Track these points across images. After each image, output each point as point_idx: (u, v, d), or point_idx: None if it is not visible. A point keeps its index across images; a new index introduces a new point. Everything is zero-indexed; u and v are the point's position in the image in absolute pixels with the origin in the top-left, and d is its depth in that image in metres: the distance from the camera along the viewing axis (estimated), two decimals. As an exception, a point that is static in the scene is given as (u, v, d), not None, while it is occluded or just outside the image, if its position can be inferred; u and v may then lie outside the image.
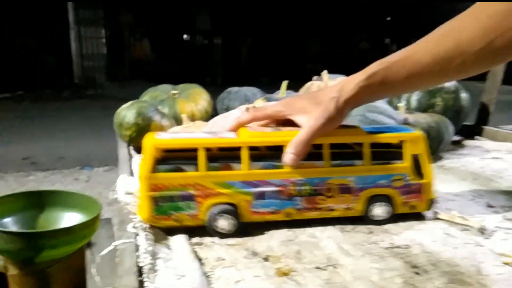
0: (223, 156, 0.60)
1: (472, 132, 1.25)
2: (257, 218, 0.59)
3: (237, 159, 0.59)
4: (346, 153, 0.63)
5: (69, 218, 0.88)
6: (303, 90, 1.23)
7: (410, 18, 10.01)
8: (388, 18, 10.50)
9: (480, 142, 1.17)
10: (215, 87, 1.40)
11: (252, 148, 0.59)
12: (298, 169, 0.59)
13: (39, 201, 0.90)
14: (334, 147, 0.62)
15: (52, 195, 0.91)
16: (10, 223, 0.85)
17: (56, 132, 4.40)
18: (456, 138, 1.20)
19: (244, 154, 0.58)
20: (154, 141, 0.57)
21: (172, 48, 9.15)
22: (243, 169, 0.58)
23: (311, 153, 0.62)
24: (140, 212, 0.57)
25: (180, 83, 1.39)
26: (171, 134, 0.61)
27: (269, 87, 1.51)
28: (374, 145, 0.62)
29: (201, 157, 0.57)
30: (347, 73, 1.35)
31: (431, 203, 0.63)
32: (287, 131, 0.61)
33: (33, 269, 0.78)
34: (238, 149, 0.59)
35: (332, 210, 0.61)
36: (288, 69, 8.96)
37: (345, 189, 0.60)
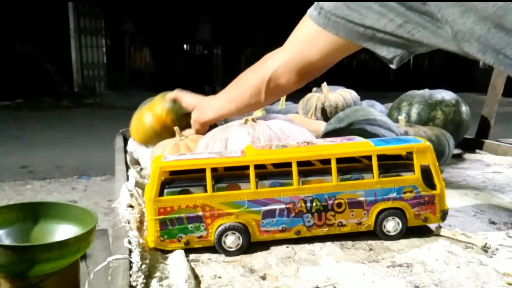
0: (230, 176, 0.59)
1: (472, 145, 1.24)
2: (266, 237, 0.58)
3: (244, 178, 0.58)
4: (354, 167, 0.62)
5: (63, 231, 0.86)
6: (302, 101, 1.23)
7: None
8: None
9: (480, 156, 1.16)
10: (214, 97, 1.38)
11: (258, 166, 0.58)
12: (307, 185, 0.58)
13: (33, 212, 0.88)
14: (342, 161, 0.61)
15: (47, 207, 0.89)
16: (3, 236, 0.83)
17: (54, 141, 4.38)
18: (457, 151, 1.19)
19: (252, 173, 0.57)
20: (160, 164, 0.56)
21: (172, 57, 9.18)
22: (251, 188, 0.57)
23: (319, 169, 0.61)
24: (148, 236, 0.56)
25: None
26: (177, 156, 0.61)
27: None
28: (382, 158, 0.61)
29: (208, 177, 0.56)
30: (346, 84, 1.35)
31: (444, 214, 0.62)
32: (292, 148, 0.60)
33: (26, 284, 0.76)
34: (244, 167, 0.58)
35: (343, 225, 0.59)
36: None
37: (355, 204, 0.59)
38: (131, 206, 0.63)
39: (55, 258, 0.76)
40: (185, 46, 9.59)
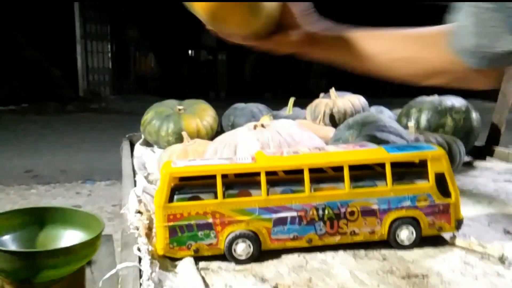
0: (241, 182, 0.58)
1: (483, 153, 1.22)
2: (277, 245, 0.57)
3: (255, 184, 0.57)
4: (367, 175, 0.61)
5: (69, 236, 0.85)
6: (310, 107, 1.22)
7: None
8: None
9: (491, 164, 1.14)
10: (218, 102, 1.39)
11: (269, 173, 0.57)
12: (319, 192, 0.57)
13: (39, 218, 0.87)
14: (355, 168, 0.59)
15: (53, 212, 0.88)
16: (9, 241, 0.82)
17: (59, 145, 4.38)
18: (467, 159, 1.17)
19: (263, 180, 0.56)
20: (170, 169, 0.55)
21: (177, 63, 9.21)
22: (262, 195, 0.56)
23: (332, 176, 0.60)
24: (157, 243, 0.55)
25: (184, 97, 1.38)
26: (187, 161, 0.60)
27: (272, 103, 1.49)
28: (396, 165, 0.60)
29: (219, 184, 0.55)
30: (351, 90, 1.34)
31: (459, 224, 0.61)
32: (304, 154, 0.59)
33: (31, 290, 0.75)
34: (255, 174, 0.57)
35: (356, 234, 0.58)
36: (292, 85, 8.98)
37: (369, 212, 0.58)
38: (139, 212, 0.61)
39: (61, 264, 0.75)
40: (190, 51, 9.62)
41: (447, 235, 0.62)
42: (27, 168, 3.56)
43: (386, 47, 0.61)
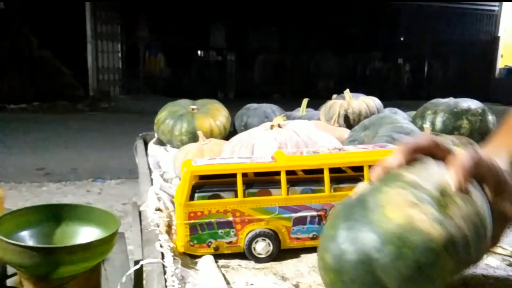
0: (260, 182, 0.58)
1: (498, 155, 1.21)
2: (296, 244, 0.57)
3: (275, 184, 0.57)
4: None
5: (86, 233, 0.86)
6: (325, 108, 1.21)
7: (423, 39, 10.00)
8: (402, 38, 10.52)
9: (507, 167, 1.13)
10: (227, 103, 1.39)
11: (289, 173, 0.57)
12: (339, 192, 0.57)
13: (55, 214, 0.88)
14: None
15: (69, 209, 0.89)
16: (26, 237, 0.83)
17: (70, 144, 4.43)
18: (482, 161, 1.16)
19: (283, 179, 0.56)
20: (191, 168, 0.56)
21: (186, 63, 9.25)
22: (282, 194, 0.56)
23: (351, 176, 0.60)
24: (177, 240, 0.55)
25: (193, 98, 1.38)
26: (208, 160, 0.60)
27: (281, 103, 1.49)
28: None
29: (239, 182, 0.55)
30: (360, 92, 1.34)
31: None
32: (324, 154, 0.59)
33: (49, 286, 0.76)
34: (275, 173, 0.57)
35: None
36: (300, 86, 8.98)
37: None
38: (159, 209, 0.62)
39: (78, 261, 0.75)
40: (199, 52, 9.66)
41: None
42: (39, 166, 3.60)
43: None
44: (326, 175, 0.57)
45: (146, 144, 1.30)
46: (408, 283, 0.36)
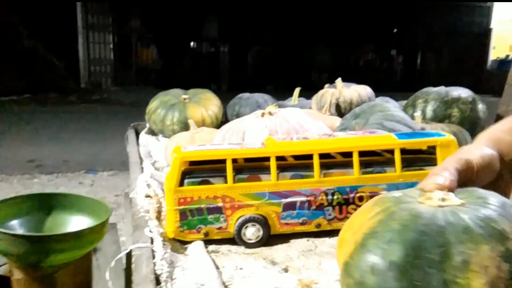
0: (250, 167, 0.58)
1: (488, 144, 1.22)
2: (286, 229, 0.57)
3: (265, 169, 0.57)
4: (376, 161, 0.61)
5: (77, 222, 0.86)
6: (316, 97, 1.21)
7: (416, 31, 10.00)
8: (395, 30, 10.51)
9: (496, 155, 1.14)
10: (220, 94, 1.38)
11: (279, 158, 0.57)
12: (328, 177, 0.57)
13: (46, 203, 0.88)
14: (364, 154, 0.60)
15: (60, 198, 0.89)
16: (17, 226, 0.83)
17: (61, 136, 4.39)
18: (472, 150, 1.17)
19: (273, 164, 0.56)
20: (181, 153, 0.56)
21: (179, 55, 9.19)
22: (272, 180, 0.56)
23: (341, 161, 0.60)
24: (167, 226, 0.55)
25: (186, 89, 1.38)
26: (197, 146, 0.60)
27: (274, 94, 1.49)
28: (404, 152, 0.60)
29: (229, 168, 0.55)
30: (353, 79, 1.33)
31: None
32: (314, 140, 0.59)
33: (39, 274, 0.75)
34: (265, 159, 0.57)
35: None
36: (294, 78, 8.96)
37: None
38: (149, 196, 0.62)
39: (69, 249, 0.75)
40: (192, 43, 9.59)
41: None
42: (30, 158, 3.57)
43: None
44: (316, 161, 0.57)
45: (138, 134, 1.30)
46: None
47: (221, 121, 1.29)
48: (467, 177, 0.39)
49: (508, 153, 0.46)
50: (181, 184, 0.55)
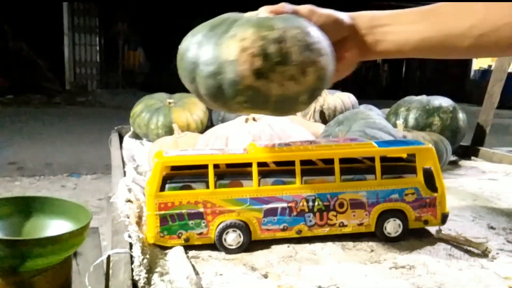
0: (232, 173, 0.58)
1: (468, 152, 1.25)
2: (267, 235, 0.57)
3: (246, 175, 0.57)
4: (357, 168, 0.62)
5: (57, 226, 0.84)
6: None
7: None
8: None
9: (476, 163, 1.17)
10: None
11: (261, 164, 0.58)
12: (309, 184, 0.58)
13: (25, 207, 0.86)
14: (345, 161, 0.60)
15: (40, 201, 0.87)
16: (-5, 229, 0.81)
17: (44, 138, 4.32)
18: (452, 158, 1.19)
19: (255, 170, 0.56)
20: (162, 158, 0.55)
21: (166, 58, 9.15)
22: (254, 186, 0.56)
23: (322, 168, 0.61)
24: (147, 231, 0.55)
25: (173, 93, 1.38)
26: (179, 151, 0.60)
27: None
28: (385, 159, 0.61)
29: (211, 173, 0.55)
30: (338, 90, 1.35)
31: (444, 217, 0.62)
32: (296, 146, 0.60)
33: (17, 279, 0.74)
34: (247, 165, 0.57)
35: (344, 226, 0.59)
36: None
37: (357, 204, 0.59)
38: (129, 201, 0.61)
39: (48, 254, 0.74)
40: (179, 47, 9.57)
41: (433, 229, 0.63)
42: (11, 160, 3.51)
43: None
44: (297, 167, 0.58)
45: (121, 138, 1.29)
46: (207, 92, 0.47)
47: (206, 126, 1.29)
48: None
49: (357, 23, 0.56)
50: (162, 189, 0.55)
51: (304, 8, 0.54)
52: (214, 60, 0.45)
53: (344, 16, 0.56)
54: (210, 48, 0.46)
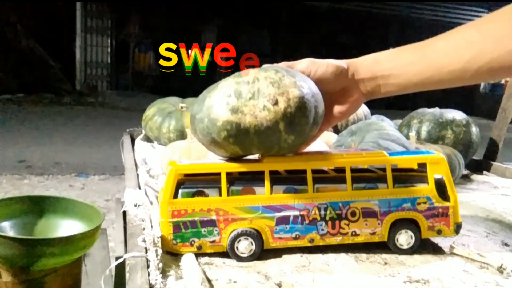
0: (244, 179, 0.59)
1: (480, 167, 1.24)
2: (279, 244, 0.57)
3: (258, 181, 0.57)
4: (369, 177, 0.62)
5: (68, 226, 0.85)
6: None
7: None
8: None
9: (488, 178, 1.16)
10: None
11: (273, 172, 0.58)
12: (321, 192, 0.58)
13: (39, 206, 0.87)
14: (357, 171, 0.60)
15: (53, 201, 0.88)
16: (8, 227, 0.82)
17: (54, 137, 4.36)
18: (464, 172, 1.18)
19: (267, 179, 0.57)
20: (176, 166, 0.56)
21: (177, 62, 9.21)
22: (266, 193, 0.56)
23: (334, 176, 0.61)
24: (161, 238, 0.55)
25: (182, 97, 1.39)
26: (193, 160, 0.61)
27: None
28: (397, 170, 0.61)
29: (223, 182, 0.55)
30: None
31: (458, 227, 0.61)
32: (308, 155, 0.60)
33: (28, 277, 0.74)
34: (259, 173, 0.57)
35: (357, 235, 0.59)
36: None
37: (369, 213, 0.59)
38: (138, 205, 0.62)
39: (59, 254, 0.74)
40: (189, 51, 9.62)
41: (446, 245, 0.63)
42: (21, 158, 3.54)
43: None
44: (309, 175, 0.58)
45: (133, 140, 1.30)
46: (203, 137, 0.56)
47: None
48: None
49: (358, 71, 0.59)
50: (175, 195, 0.55)
51: (304, 61, 0.60)
52: (203, 107, 0.55)
53: (344, 66, 0.59)
54: (202, 101, 0.56)
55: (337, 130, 1.15)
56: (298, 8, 8.91)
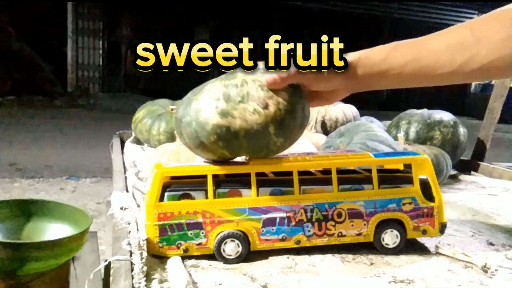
0: (231, 181, 0.59)
1: (468, 167, 1.25)
2: (266, 246, 0.57)
3: (245, 183, 0.57)
4: (354, 178, 0.62)
5: (56, 230, 0.84)
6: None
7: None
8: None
9: (476, 178, 1.17)
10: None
11: (259, 174, 0.58)
12: (307, 194, 0.58)
13: (26, 210, 0.86)
14: (343, 172, 0.61)
15: (40, 205, 0.87)
16: (-6, 232, 0.81)
17: (45, 140, 4.32)
18: (452, 172, 1.19)
19: (253, 181, 0.57)
20: (161, 169, 0.56)
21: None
22: (252, 196, 0.57)
23: (320, 178, 0.61)
24: (146, 241, 0.55)
25: (175, 99, 1.38)
26: (179, 163, 0.61)
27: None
28: (382, 171, 0.62)
29: (210, 184, 0.55)
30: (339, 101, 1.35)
31: (443, 227, 0.62)
32: (294, 157, 0.60)
33: (15, 282, 0.74)
34: (246, 175, 0.58)
35: (343, 236, 0.59)
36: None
37: (355, 214, 0.59)
38: (124, 208, 0.62)
39: (46, 258, 0.74)
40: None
41: (432, 245, 0.63)
42: (11, 161, 3.50)
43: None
44: (295, 177, 0.58)
45: (123, 143, 1.29)
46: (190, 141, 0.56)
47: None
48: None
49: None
50: (161, 199, 0.55)
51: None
52: (190, 111, 0.55)
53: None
54: (189, 104, 0.56)
55: (326, 131, 1.16)
56: (291, 9, 8.94)
